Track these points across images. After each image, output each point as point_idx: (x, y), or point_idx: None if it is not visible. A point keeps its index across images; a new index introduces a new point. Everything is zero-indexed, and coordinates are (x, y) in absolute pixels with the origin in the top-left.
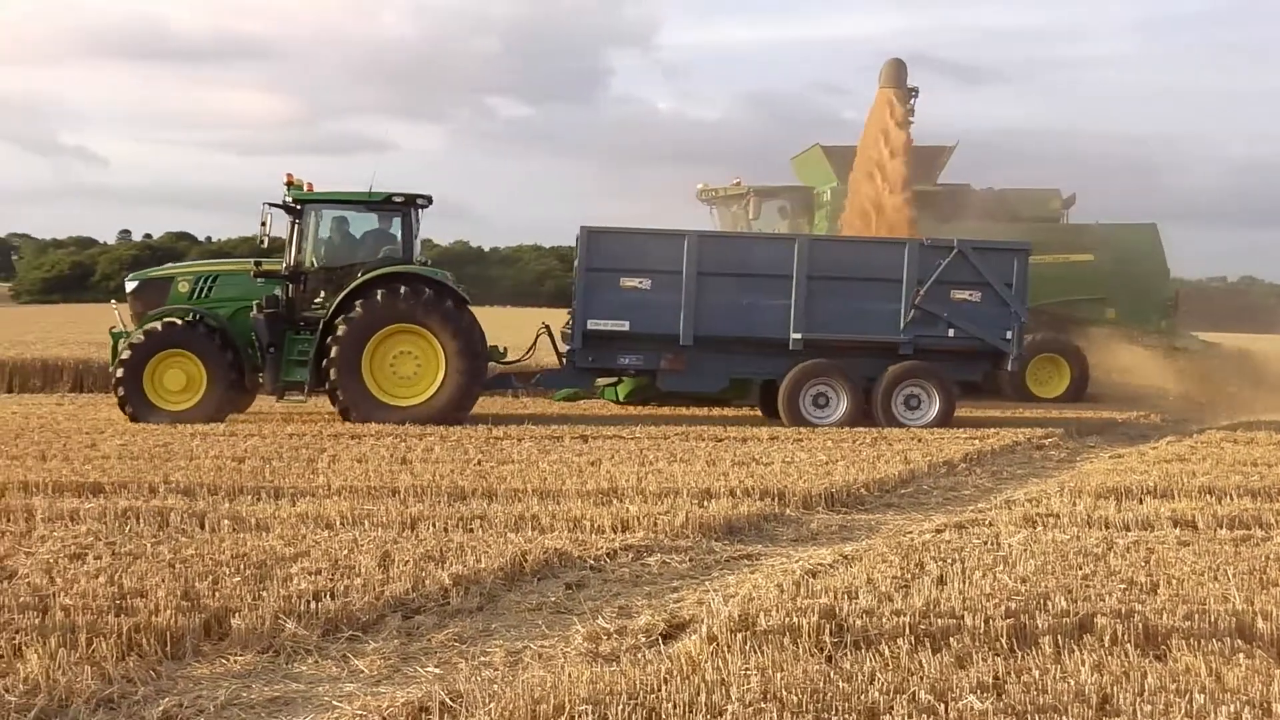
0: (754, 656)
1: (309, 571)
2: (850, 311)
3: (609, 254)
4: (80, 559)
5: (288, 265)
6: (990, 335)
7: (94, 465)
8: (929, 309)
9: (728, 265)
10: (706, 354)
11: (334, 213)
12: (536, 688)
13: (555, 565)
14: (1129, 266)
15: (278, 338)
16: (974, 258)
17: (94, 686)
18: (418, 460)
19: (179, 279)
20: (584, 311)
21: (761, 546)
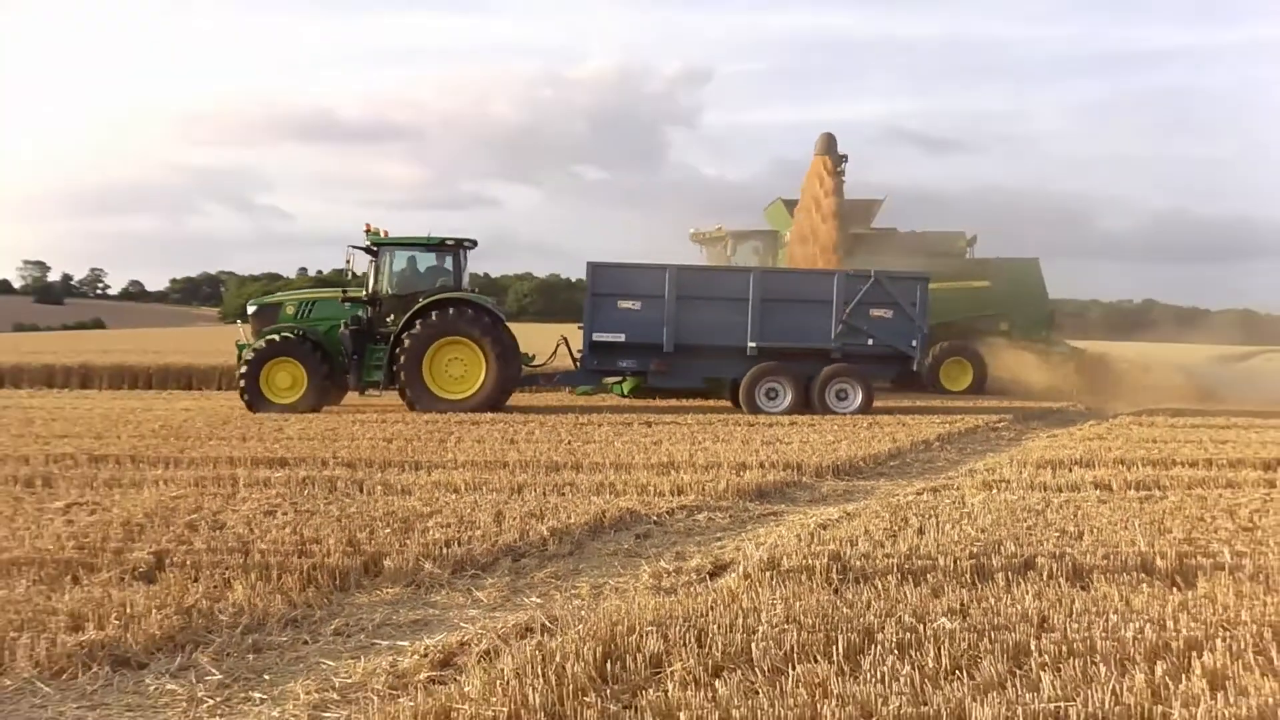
0: (779, 589)
1: (441, 525)
2: (793, 326)
3: (609, 282)
4: (271, 515)
5: (368, 293)
6: (900, 344)
7: (281, 444)
8: (853, 323)
9: (700, 291)
10: (685, 359)
11: (403, 252)
12: (614, 613)
13: (627, 520)
14: (1017, 291)
15: (360, 348)
16: (887, 284)
17: (283, 610)
18: (522, 441)
19: (286, 304)
20: (591, 326)
21: (784, 506)
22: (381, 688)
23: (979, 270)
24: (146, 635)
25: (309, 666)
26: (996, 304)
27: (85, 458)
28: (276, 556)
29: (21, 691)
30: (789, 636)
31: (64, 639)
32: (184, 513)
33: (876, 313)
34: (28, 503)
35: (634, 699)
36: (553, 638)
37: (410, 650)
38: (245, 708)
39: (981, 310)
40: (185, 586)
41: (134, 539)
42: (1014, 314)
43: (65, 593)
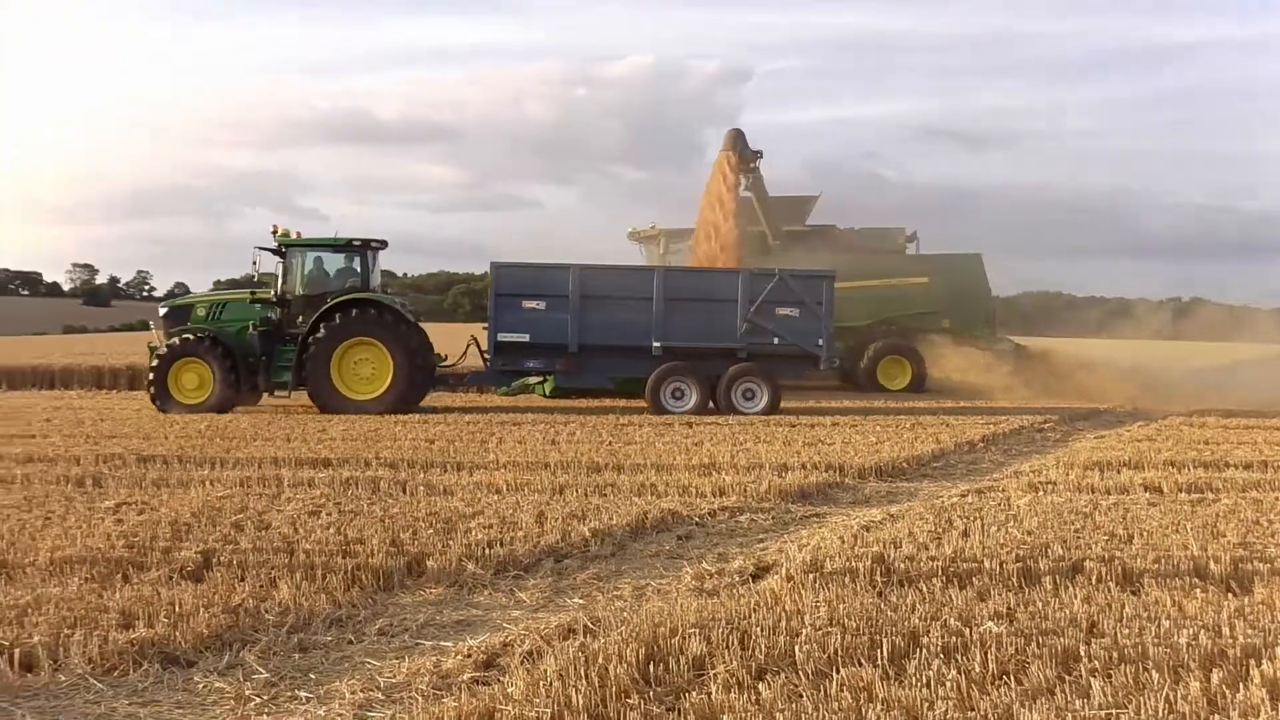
0: (822, 592)
1: (484, 525)
2: (698, 325)
3: (513, 282)
4: (316, 515)
5: (276, 294)
6: (805, 343)
7: (324, 445)
8: (758, 322)
9: (604, 290)
10: (590, 359)
11: (312, 253)
12: (656, 614)
13: (669, 522)
14: (957, 287)
15: (269, 349)
16: (792, 283)
17: (328, 609)
18: (564, 442)
19: (197, 305)
20: (495, 327)
21: (827, 508)
22: (425, 688)
23: (914, 266)
24: (195, 634)
25: (354, 666)
26: (935, 301)
27: (134, 458)
28: (321, 556)
29: (76, 687)
30: (832, 639)
31: (115, 636)
32: (230, 513)
33: (782, 311)
34: (79, 502)
35: (677, 701)
36: (595, 639)
37: (454, 650)
38: (292, 706)
39: (919, 307)
40: (232, 586)
41: (182, 538)
42: (954, 311)
43: (116, 591)
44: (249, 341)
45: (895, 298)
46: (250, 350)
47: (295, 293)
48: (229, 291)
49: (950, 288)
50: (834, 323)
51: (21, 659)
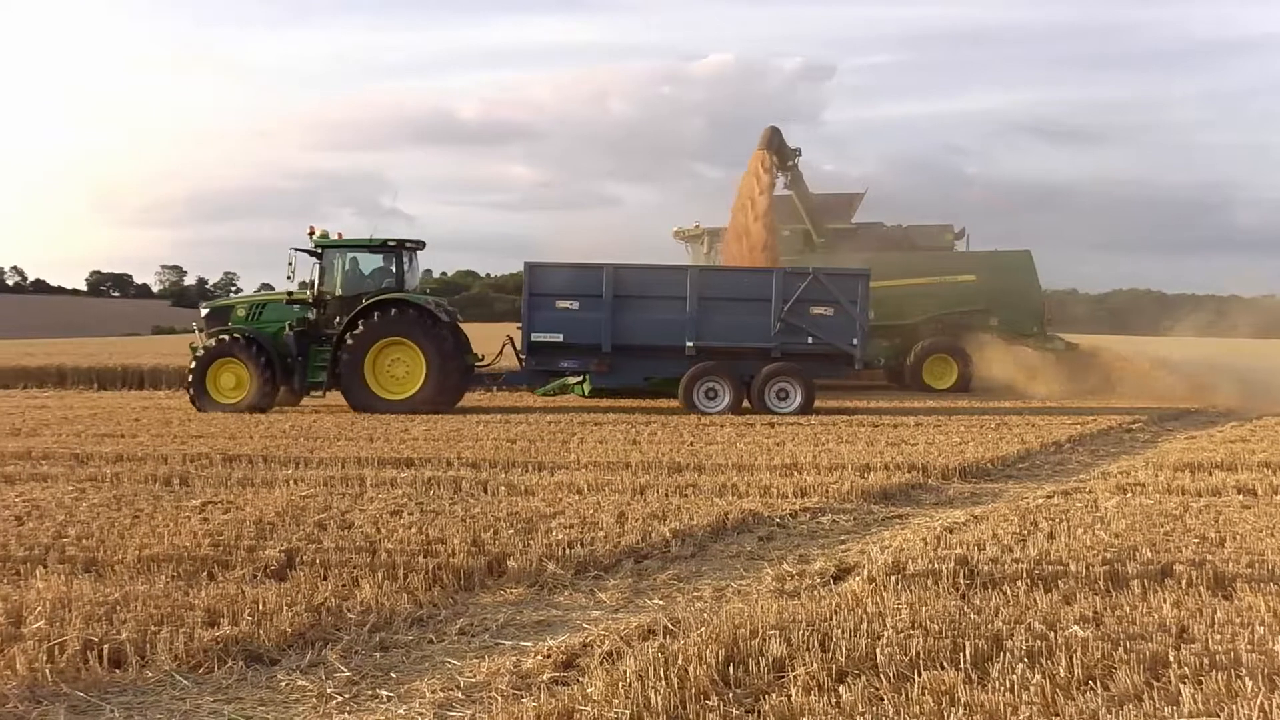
0: (904, 594)
1: (564, 526)
2: (732, 324)
3: (547, 282)
4: (398, 514)
5: (313, 295)
6: (840, 342)
7: (406, 445)
8: (792, 321)
9: (637, 290)
10: (624, 359)
11: (348, 254)
12: (736, 616)
13: (750, 522)
14: (1006, 284)
15: (304, 350)
16: (826, 281)
17: (409, 609)
18: (645, 442)
19: (237, 307)
20: (529, 327)
21: (909, 509)
22: (505, 688)
23: (962, 264)
24: (278, 632)
25: (434, 665)
26: (983, 298)
27: (219, 457)
28: (403, 556)
29: (162, 684)
30: (914, 642)
31: (201, 634)
32: (313, 512)
33: (817, 310)
34: (166, 501)
35: (756, 703)
36: (675, 640)
37: (533, 651)
38: (373, 705)
39: (967, 305)
40: (315, 585)
41: (266, 537)
42: (1003, 309)
43: (201, 589)
44: (285, 342)
45: (942, 295)
46: (287, 350)
47: (332, 293)
48: (268, 294)
49: (999, 285)
50: (879, 321)
51: (110, 655)
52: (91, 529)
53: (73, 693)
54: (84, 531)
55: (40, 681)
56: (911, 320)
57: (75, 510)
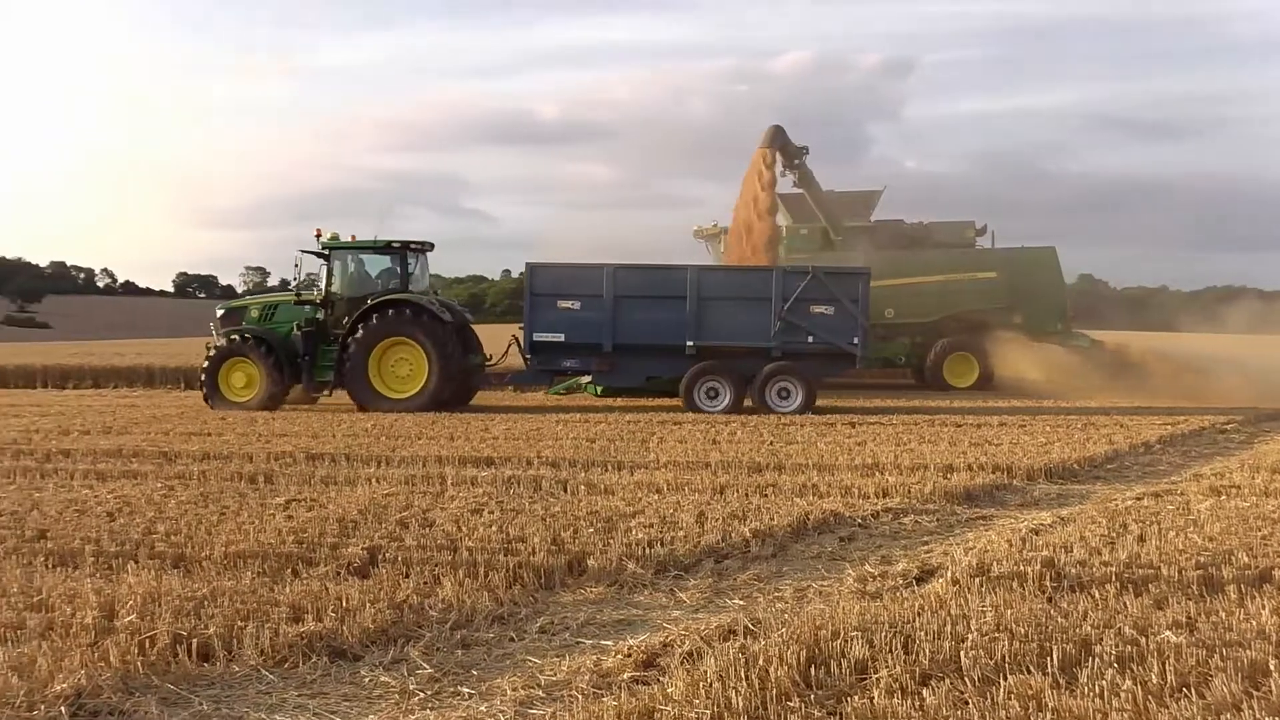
0: (989, 596)
1: (644, 525)
2: (732, 324)
3: (548, 282)
4: (478, 513)
5: (320, 296)
6: (840, 340)
7: (487, 444)
8: (792, 320)
9: (638, 290)
10: (626, 358)
11: (354, 256)
12: (818, 617)
13: (831, 523)
14: (1029, 281)
15: (312, 349)
16: (826, 280)
17: (490, 607)
18: (724, 441)
19: (251, 307)
20: (530, 326)
21: (994, 510)
22: (586, 686)
23: (983, 260)
24: (361, 628)
25: (515, 663)
26: (1005, 296)
27: (303, 456)
28: (483, 554)
29: (248, 678)
30: (1000, 646)
31: (286, 629)
32: (395, 510)
33: (817, 309)
34: (251, 498)
35: (838, 705)
36: (756, 640)
37: (614, 650)
38: (454, 702)
39: (988, 303)
40: (397, 582)
41: (349, 535)
42: (1025, 306)
43: (286, 585)
44: (294, 341)
45: (962, 293)
46: (296, 350)
47: (339, 294)
48: (280, 294)
49: (1021, 282)
50: (899, 319)
51: (199, 649)
52: (180, 525)
53: (163, 685)
54: (172, 528)
55: (132, 673)
56: (931, 318)
57: (164, 507)
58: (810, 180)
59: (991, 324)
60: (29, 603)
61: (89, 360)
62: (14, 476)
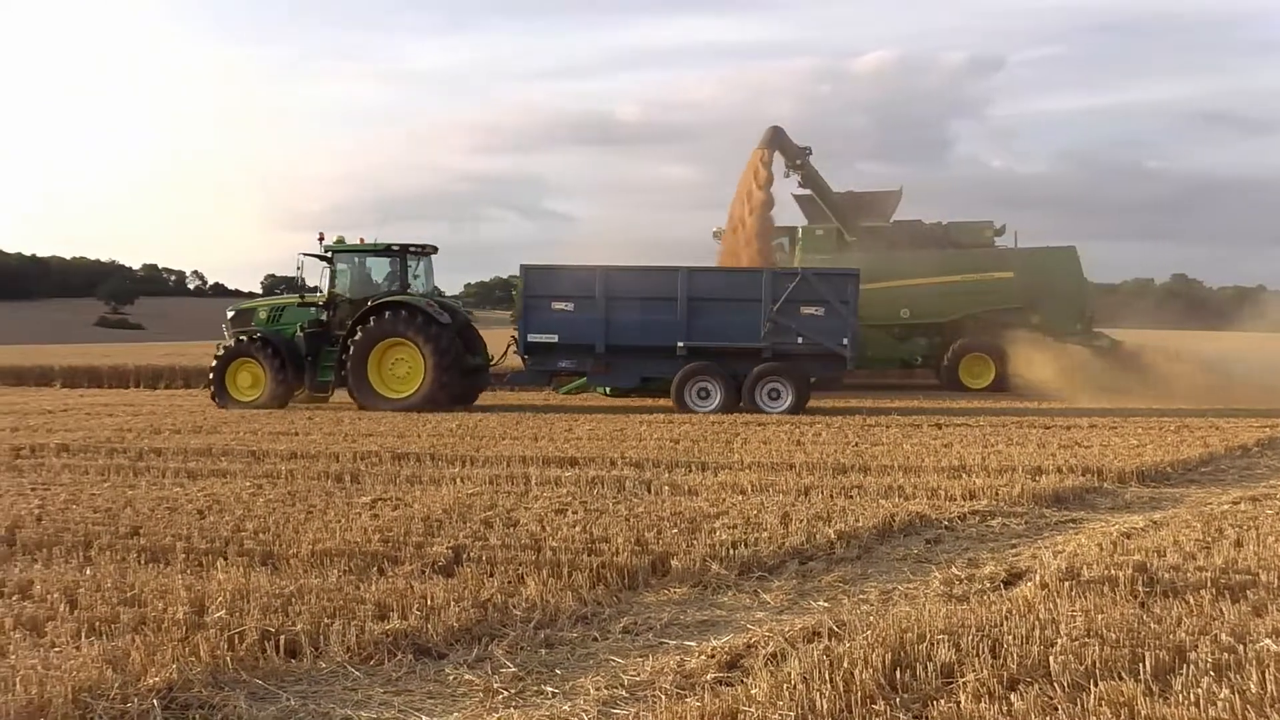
0: (1079, 601)
1: (728, 526)
2: (722, 325)
3: (542, 284)
4: (562, 513)
5: (324, 297)
6: (830, 342)
7: (571, 444)
8: (782, 321)
9: (630, 291)
10: (619, 359)
11: (357, 259)
12: (903, 619)
13: (917, 525)
14: (1048, 281)
15: (315, 350)
16: (815, 281)
17: (573, 606)
18: (809, 442)
19: (259, 309)
20: (525, 328)
21: (1084, 513)
22: (669, 687)
23: (1000, 261)
24: (446, 626)
25: (599, 663)
26: (1021, 296)
27: (388, 455)
28: (567, 554)
29: (335, 674)
30: (1090, 651)
31: (371, 627)
32: (479, 509)
33: (807, 310)
34: (338, 497)
35: (924, 709)
36: (840, 643)
37: (697, 650)
38: (538, 700)
39: (1005, 303)
40: (481, 581)
41: (433, 534)
42: (1044, 306)
43: (372, 583)
44: (297, 342)
45: (978, 293)
46: (300, 351)
47: (342, 296)
48: (287, 297)
49: (1039, 283)
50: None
51: (286, 645)
52: (268, 523)
53: (251, 680)
54: (261, 526)
55: (221, 668)
56: (947, 318)
57: (252, 505)
58: (816, 180)
59: (1008, 324)
60: (123, 598)
61: (179, 361)
62: (108, 474)
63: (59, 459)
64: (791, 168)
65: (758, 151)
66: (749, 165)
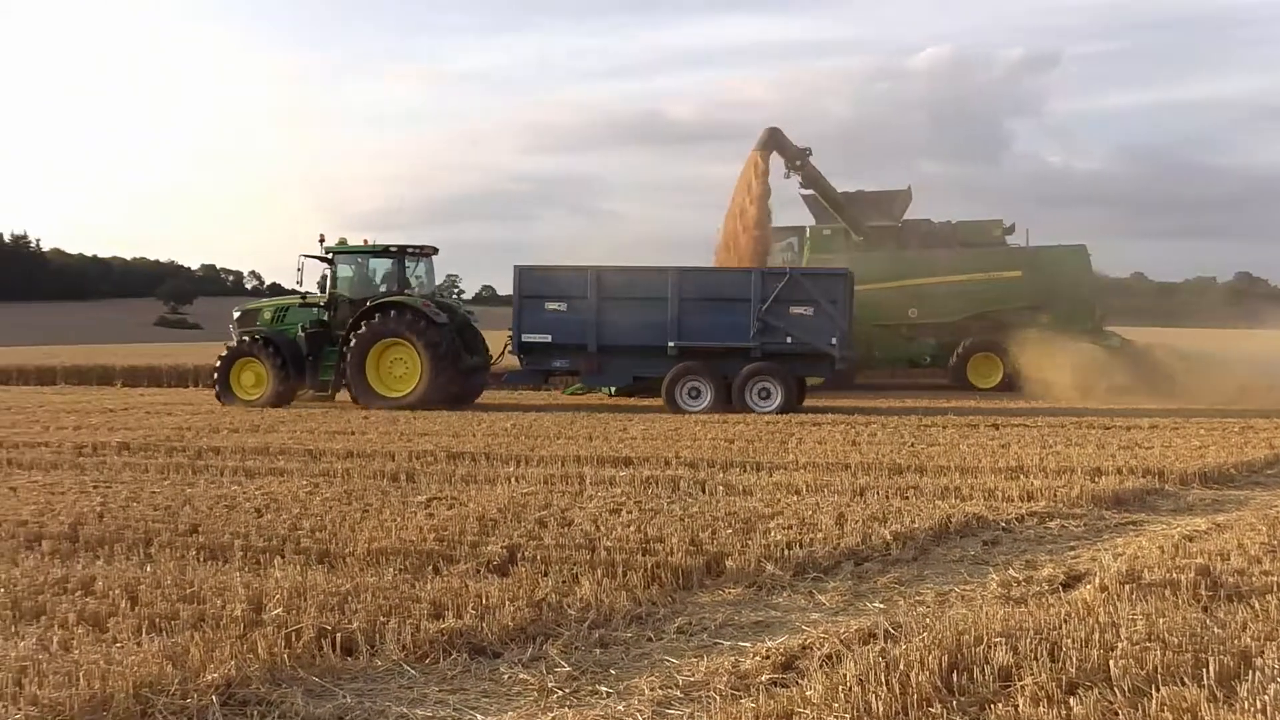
0: (1140, 604)
1: (783, 526)
2: (712, 324)
3: (536, 284)
4: (617, 513)
5: (325, 298)
6: (819, 342)
7: (625, 444)
8: (771, 321)
9: (621, 291)
10: (611, 359)
11: (357, 260)
12: (960, 622)
13: (974, 526)
14: (1058, 280)
15: (316, 350)
16: (804, 281)
17: (628, 606)
18: (865, 443)
19: (264, 310)
20: (519, 327)
21: (1144, 515)
22: (724, 687)
23: (1008, 260)
24: (500, 626)
25: (653, 663)
26: (1029, 295)
27: (444, 455)
28: (621, 554)
29: (390, 673)
30: (1152, 655)
31: (426, 625)
32: (534, 509)
33: (796, 310)
34: (393, 496)
35: (981, 713)
36: (896, 645)
37: (752, 651)
38: (592, 700)
39: (1014, 302)
40: (536, 581)
41: (488, 533)
42: (1053, 305)
43: (427, 582)
44: (299, 342)
45: (987, 292)
46: (302, 350)
47: (343, 297)
48: (290, 297)
49: (1047, 281)
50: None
51: (342, 643)
52: (324, 522)
53: (308, 677)
54: (317, 524)
55: (279, 665)
56: (955, 318)
57: (309, 504)
58: (818, 180)
59: (1016, 323)
60: (182, 594)
61: None
62: (168, 473)
63: (120, 457)
64: (792, 169)
65: (753, 154)
66: (743, 175)
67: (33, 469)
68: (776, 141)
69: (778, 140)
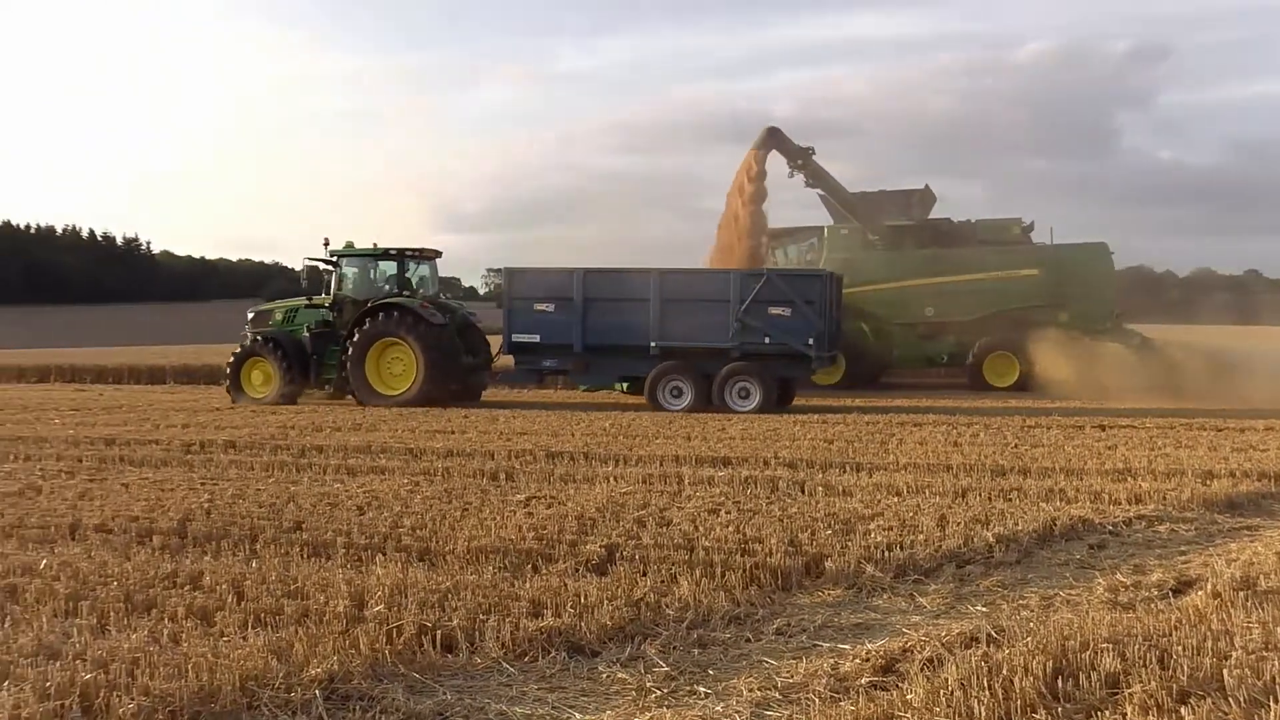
0: (1255, 612)
1: (883, 528)
2: (693, 325)
3: (525, 286)
4: (715, 513)
5: (330, 299)
6: (796, 342)
7: (724, 444)
8: (750, 322)
9: (606, 292)
10: (597, 358)
11: (360, 262)
12: (1065, 627)
13: (1079, 529)
14: (1076, 278)
15: (320, 349)
16: (782, 282)
17: (726, 607)
18: (966, 443)
19: (276, 310)
20: (509, 328)
21: (1260, 520)
22: (823, 690)
23: (1026, 258)
24: (599, 625)
25: (751, 664)
26: (1047, 293)
27: (543, 454)
28: (720, 554)
29: (490, 670)
30: (1269, 665)
31: (525, 624)
32: (633, 509)
33: (774, 311)
34: (493, 495)
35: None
36: (999, 649)
37: (852, 653)
38: (690, 700)
39: (1031, 301)
40: (634, 580)
41: (587, 532)
42: (1072, 303)
43: (526, 580)
44: (304, 342)
45: (1004, 291)
46: (307, 350)
47: (347, 298)
48: (300, 299)
49: (1066, 279)
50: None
51: (442, 640)
52: (425, 520)
53: (409, 674)
54: (418, 522)
55: (380, 661)
56: (972, 316)
57: (410, 502)
58: (825, 179)
59: (1034, 322)
60: (286, 590)
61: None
62: (272, 470)
63: (226, 455)
64: (794, 168)
65: (750, 154)
66: (736, 178)
67: (143, 466)
68: (776, 141)
69: (777, 140)
